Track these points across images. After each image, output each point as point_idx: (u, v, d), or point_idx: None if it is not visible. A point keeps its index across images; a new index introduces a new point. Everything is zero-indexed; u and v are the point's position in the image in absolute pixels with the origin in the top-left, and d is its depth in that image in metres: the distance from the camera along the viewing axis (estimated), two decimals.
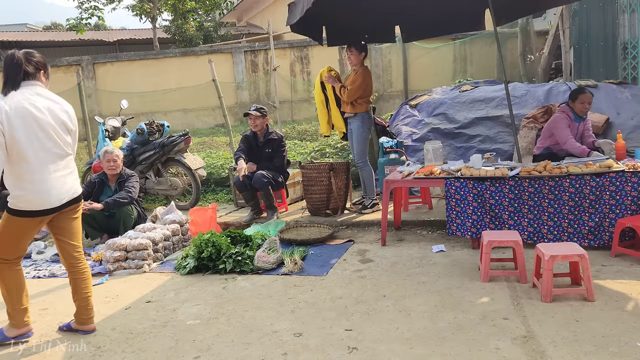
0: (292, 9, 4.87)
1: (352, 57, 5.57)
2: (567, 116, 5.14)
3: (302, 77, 13.06)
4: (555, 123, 5.21)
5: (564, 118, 5.14)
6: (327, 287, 3.77)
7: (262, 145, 5.95)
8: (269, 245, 4.46)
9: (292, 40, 13.15)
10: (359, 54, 5.54)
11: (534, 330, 2.88)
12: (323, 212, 5.74)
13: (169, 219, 5.25)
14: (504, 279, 3.68)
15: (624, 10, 7.79)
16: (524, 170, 4.35)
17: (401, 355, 2.71)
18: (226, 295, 3.78)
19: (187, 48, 14.43)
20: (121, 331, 3.25)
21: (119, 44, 19.74)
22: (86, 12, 16.47)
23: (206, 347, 2.95)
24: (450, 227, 4.50)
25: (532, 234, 4.30)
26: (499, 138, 6.70)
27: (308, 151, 8.48)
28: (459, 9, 5.77)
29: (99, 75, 12.92)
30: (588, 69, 8.62)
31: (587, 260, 3.22)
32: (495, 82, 8.41)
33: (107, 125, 7.55)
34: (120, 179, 5.64)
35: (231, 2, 18.75)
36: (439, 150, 5.41)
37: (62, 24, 24.81)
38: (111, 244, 4.56)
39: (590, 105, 5.13)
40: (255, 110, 5.90)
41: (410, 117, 7.52)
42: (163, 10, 17.32)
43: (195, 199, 6.82)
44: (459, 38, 12.05)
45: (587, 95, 5.07)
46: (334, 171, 5.71)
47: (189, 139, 7.00)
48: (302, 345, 2.90)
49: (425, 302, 3.37)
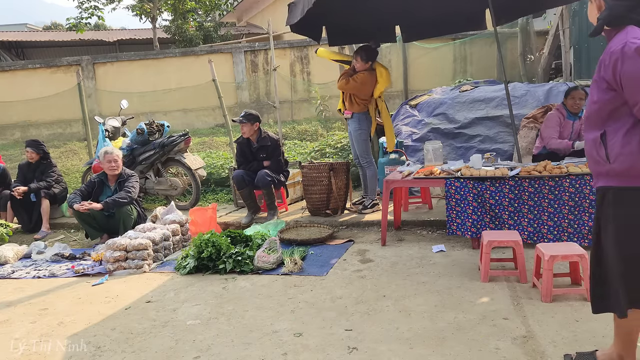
0: (292, 9, 4.87)
1: (357, 65, 5.60)
2: (559, 114, 5.18)
3: (302, 77, 13.06)
4: (545, 122, 5.29)
5: (554, 116, 5.19)
6: (327, 287, 3.77)
7: (256, 150, 5.92)
8: (269, 245, 4.46)
9: (292, 40, 13.14)
10: (365, 63, 5.56)
11: (534, 330, 2.88)
12: (323, 212, 5.74)
13: (169, 219, 5.25)
14: (504, 279, 3.68)
15: None
16: (524, 170, 4.35)
17: (401, 355, 2.71)
18: (226, 295, 3.77)
19: (187, 48, 14.43)
20: (121, 331, 3.25)
21: (119, 44, 19.74)
22: (86, 12, 16.46)
23: (206, 347, 2.95)
24: (450, 227, 4.50)
25: (532, 234, 4.30)
26: (499, 138, 6.70)
27: (308, 151, 8.48)
28: (459, 9, 5.77)
29: (99, 75, 12.92)
30: (588, 69, 8.61)
31: (587, 260, 3.22)
32: (495, 82, 8.41)
33: (107, 125, 7.55)
34: (120, 179, 5.64)
35: (231, 3, 18.74)
36: (439, 150, 5.41)
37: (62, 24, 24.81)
38: (111, 244, 4.56)
39: (583, 101, 5.14)
40: (242, 117, 5.84)
41: (410, 117, 7.52)
42: (163, 10, 17.31)
43: (195, 199, 6.82)
44: (459, 38, 12.04)
45: (578, 92, 5.11)
46: (334, 171, 5.71)
47: (189, 139, 7.00)
48: (302, 345, 2.90)
49: (425, 302, 3.37)
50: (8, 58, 18.41)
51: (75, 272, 4.62)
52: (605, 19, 2.13)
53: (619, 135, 2.11)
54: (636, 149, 2.07)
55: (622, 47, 2.03)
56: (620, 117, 2.11)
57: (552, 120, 5.16)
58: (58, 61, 12.76)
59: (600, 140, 2.16)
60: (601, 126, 2.17)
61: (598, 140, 2.17)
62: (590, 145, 2.21)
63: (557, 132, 5.13)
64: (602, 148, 2.15)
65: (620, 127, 2.11)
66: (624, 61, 2.02)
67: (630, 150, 2.07)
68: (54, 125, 12.75)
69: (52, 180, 6.65)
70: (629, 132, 2.09)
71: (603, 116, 2.15)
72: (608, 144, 2.13)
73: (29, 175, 6.68)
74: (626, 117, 2.10)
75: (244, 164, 5.97)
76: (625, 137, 2.09)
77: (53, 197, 6.60)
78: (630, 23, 2.10)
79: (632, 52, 2.00)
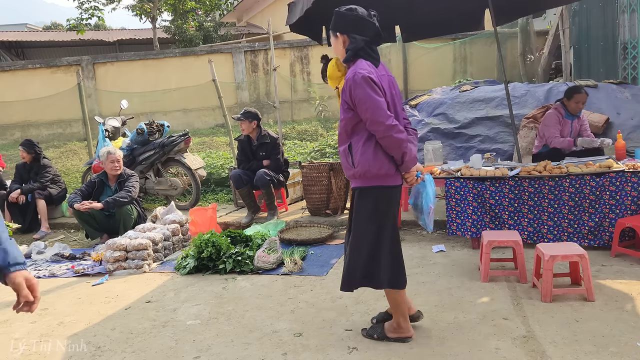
0: (291, 9, 4.87)
1: None
2: (558, 113, 5.19)
3: (302, 77, 13.05)
4: (544, 121, 5.31)
5: (553, 115, 5.20)
6: (327, 287, 3.77)
7: (256, 148, 5.96)
8: (269, 245, 4.46)
9: (292, 40, 13.14)
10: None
11: (534, 330, 2.88)
12: (323, 212, 5.74)
13: (169, 219, 5.24)
14: (504, 279, 3.68)
15: (624, 10, 7.79)
16: (524, 170, 4.34)
17: (401, 355, 2.71)
18: (226, 295, 3.77)
19: (187, 48, 14.42)
20: (121, 331, 3.25)
21: (119, 44, 19.74)
22: (86, 12, 16.45)
23: (206, 347, 2.95)
24: (450, 227, 4.50)
25: (532, 234, 4.30)
26: (499, 138, 6.70)
27: (308, 151, 8.48)
28: (459, 9, 5.76)
29: (99, 75, 12.92)
30: (588, 69, 8.62)
31: (587, 260, 3.22)
32: (495, 82, 8.41)
33: (107, 125, 7.55)
34: (120, 178, 5.64)
35: (231, 2, 18.74)
36: (439, 150, 5.41)
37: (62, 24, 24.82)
38: (111, 244, 4.56)
39: (584, 105, 5.14)
40: (241, 115, 5.93)
41: (410, 117, 7.52)
42: (163, 10, 17.31)
43: (195, 199, 6.82)
44: (459, 38, 12.04)
45: (582, 95, 5.10)
46: (334, 171, 5.71)
47: (189, 139, 7.00)
48: (302, 345, 2.90)
49: (425, 302, 3.37)
50: (8, 58, 18.41)
51: (75, 272, 4.62)
52: (352, 50, 2.68)
53: (359, 146, 2.65)
54: (371, 156, 2.62)
55: (353, 76, 2.58)
56: (360, 131, 2.66)
57: (552, 119, 5.17)
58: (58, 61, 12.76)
59: (348, 150, 2.69)
60: (348, 139, 2.70)
61: (347, 150, 2.70)
62: (342, 154, 2.73)
63: (559, 131, 5.13)
64: (349, 156, 2.68)
65: (360, 139, 2.65)
66: (355, 87, 2.57)
67: (367, 158, 2.63)
68: (54, 125, 12.74)
69: (46, 180, 6.63)
70: (366, 143, 2.64)
71: (348, 131, 2.69)
72: (353, 152, 2.67)
73: (25, 176, 6.69)
74: (364, 131, 2.64)
75: (244, 162, 5.99)
76: (363, 147, 2.64)
77: (49, 198, 6.59)
78: (362, 56, 2.67)
79: (360, 79, 2.56)
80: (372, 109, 2.54)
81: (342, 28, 2.72)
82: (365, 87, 2.55)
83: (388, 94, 2.67)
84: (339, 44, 2.75)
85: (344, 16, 2.71)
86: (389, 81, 2.76)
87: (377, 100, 2.55)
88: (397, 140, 2.57)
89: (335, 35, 2.75)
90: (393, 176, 2.68)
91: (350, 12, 2.70)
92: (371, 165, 2.62)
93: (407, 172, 2.70)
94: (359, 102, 2.57)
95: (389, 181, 2.67)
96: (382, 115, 2.54)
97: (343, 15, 2.72)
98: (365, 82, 2.55)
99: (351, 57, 2.69)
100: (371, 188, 2.68)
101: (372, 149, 2.61)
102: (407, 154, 2.63)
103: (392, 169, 2.65)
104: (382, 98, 2.58)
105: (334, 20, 2.75)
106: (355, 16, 2.69)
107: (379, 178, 2.65)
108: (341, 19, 2.72)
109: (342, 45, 2.73)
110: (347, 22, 2.70)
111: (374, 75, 2.60)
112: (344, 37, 2.72)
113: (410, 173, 2.71)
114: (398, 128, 2.58)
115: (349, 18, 2.70)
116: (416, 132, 2.90)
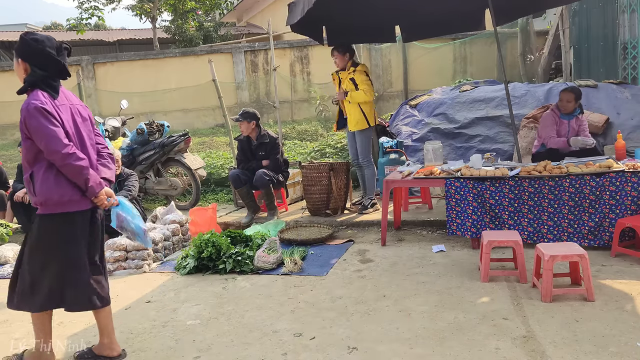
0: (292, 9, 4.87)
1: (337, 60, 5.63)
2: (553, 113, 5.29)
3: (302, 77, 13.05)
4: (541, 121, 5.41)
5: (549, 116, 5.31)
6: (327, 287, 3.77)
7: (256, 148, 5.96)
8: (269, 245, 4.46)
9: (292, 40, 13.14)
10: (343, 55, 5.57)
11: (534, 330, 2.88)
12: (323, 212, 5.74)
13: (169, 219, 5.24)
14: (504, 279, 3.68)
15: (624, 10, 7.79)
16: (524, 170, 4.34)
17: (401, 355, 2.71)
18: (226, 295, 3.77)
19: (187, 48, 14.43)
20: (121, 331, 3.24)
21: (119, 44, 19.74)
22: (86, 12, 16.46)
23: (206, 347, 2.95)
24: (450, 227, 4.50)
25: (532, 234, 4.30)
26: (499, 138, 6.70)
27: (308, 151, 8.48)
28: (459, 9, 5.76)
29: (99, 75, 12.92)
30: (588, 69, 8.62)
31: (587, 260, 3.22)
32: (495, 82, 8.40)
33: (107, 125, 7.55)
34: (120, 178, 5.64)
35: (231, 2, 18.74)
36: (439, 150, 5.41)
37: (62, 24, 24.81)
38: (111, 244, 4.56)
39: (571, 103, 5.17)
40: (239, 116, 5.94)
41: (410, 117, 7.52)
42: (163, 10, 17.31)
43: (195, 199, 6.82)
44: (459, 38, 12.05)
45: (566, 94, 5.20)
46: (334, 171, 5.71)
47: (189, 139, 7.00)
48: (302, 345, 2.90)
49: (425, 302, 3.37)
50: (8, 58, 18.41)
51: None
52: (29, 82, 2.69)
53: (40, 174, 2.66)
54: (52, 184, 2.64)
55: (27, 107, 2.61)
56: (41, 160, 2.67)
57: (548, 120, 5.28)
58: None
59: (29, 178, 2.68)
60: (30, 167, 2.70)
61: (28, 179, 2.69)
62: (25, 183, 2.72)
63: (555, 131, 5.19)
64: (31, 184, 2.68)
65: (41, 167, 2.67)
66: (29, 118, 2.60)
67: (48, 186, 2.64)
68: None
69: None
70: (47, 171, 2.66)
71: (30, 159, 2.70)
72: (34, 181, 2.66)
73: None
74: (44, 160, 2.66)
75: (243, 162, 5.99)
76: (44, 175, 2.65)
77: None
78: (40, 87, 2.68)
79: (32, 110, 2.59)
80: (47, 138, 2.58)
81: (25, 56, 2.70)
82: (39, 117, 2.58)
83: (68, 122, 2.71)
84: (20, 70, 2.73)
85: (29, 45, 2.67)
86: (73, 110, 2.78)
87: (52, 130, 2.58)
88: (76, 167, 2.63)
89: (17, 60, 2.73)
90: (79, 201, 2.72)
91: (36, 44, 2.66)
92: (52, 193, 2.64)
93: (96, 197, 2.74)
94: (34, 132, 2.60)
95: (73, 207, 2.70)
96: (57, 144, 2.58)
97: (28, 43, 2.67)
98: (38, 113, 2.58)
99: (26, 88, 2.71)
100: (53, 215, 2.70)
101: (54, 177, 2.65)
102: (90, 180, 2.67)
103: (76, 195, 2.69)
104: (57, 127, 2.61)
105: (19, 45, 2.69)
106: (40, 50, 2.66)
107: (62, 205, 2.68)
108: (26, 46, 2.68)
109: (24, 72, 2.72)
110: (30, 52, 2.68)
111: (48, 105, 2.62)
112: (25, 65, 2.71)
113: (99, 198, 2.75)
114: (77, 156, 2.63)
115: (33, 49, 2.66)
116: (112, 156, 2.99)
